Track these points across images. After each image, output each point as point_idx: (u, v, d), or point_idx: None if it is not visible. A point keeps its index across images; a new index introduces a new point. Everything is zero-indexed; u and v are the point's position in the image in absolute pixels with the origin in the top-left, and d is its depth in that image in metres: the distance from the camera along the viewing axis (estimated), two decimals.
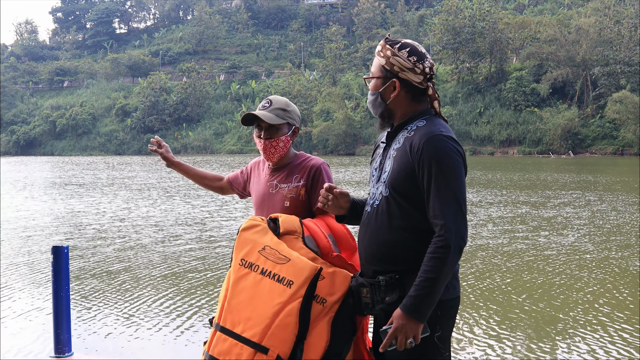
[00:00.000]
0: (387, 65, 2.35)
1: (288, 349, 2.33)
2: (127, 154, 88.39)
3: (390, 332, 2.19)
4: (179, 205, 17.34)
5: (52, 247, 4.16)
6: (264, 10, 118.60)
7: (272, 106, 2.89)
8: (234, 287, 2.47)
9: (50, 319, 4.50)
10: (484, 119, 63.77)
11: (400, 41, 2.37)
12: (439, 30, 70.89)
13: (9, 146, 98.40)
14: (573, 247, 10.29)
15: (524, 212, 14.89)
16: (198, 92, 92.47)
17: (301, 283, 2.38)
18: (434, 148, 2.21)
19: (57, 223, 13.82)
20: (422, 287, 2.15)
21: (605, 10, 64.01)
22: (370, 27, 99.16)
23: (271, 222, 2.61)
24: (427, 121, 2.33)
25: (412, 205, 2.28)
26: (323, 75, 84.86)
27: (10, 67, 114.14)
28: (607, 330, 5.90)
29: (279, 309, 2.35)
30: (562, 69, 62.21)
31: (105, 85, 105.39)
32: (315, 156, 3.00)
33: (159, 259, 9.51)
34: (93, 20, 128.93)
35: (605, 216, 13.96)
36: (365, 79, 2.50)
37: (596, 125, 57.12)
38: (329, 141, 69.76)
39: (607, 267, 8.67)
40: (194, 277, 8.24)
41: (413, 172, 2.24)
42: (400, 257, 2.31)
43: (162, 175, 32.58)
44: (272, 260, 2.45)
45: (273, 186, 2.95)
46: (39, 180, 30.22)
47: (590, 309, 6.59)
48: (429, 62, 2.35)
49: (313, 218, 2.81)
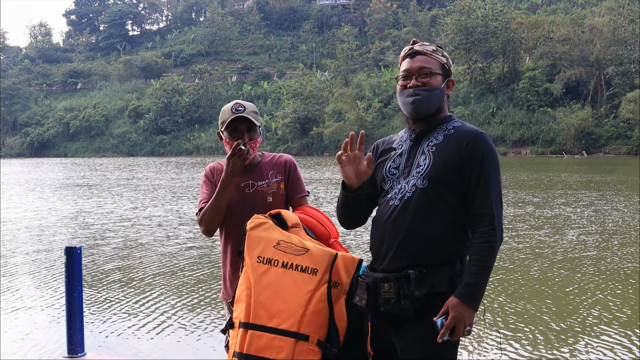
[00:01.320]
0: (447, 65, 2.53)
1: (325, 332, 2.46)
2: (140, 155, 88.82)
3: (449, 321, 2.22)
4: (190, 204, 17.40)
5: (65, 248, 4.18)
6: (276, 12, 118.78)
7: (246, 110, 2.98)
8: (257, 284, 2.52)
9: (63, 319, 4.52)
10: (496, 119, 63.43)
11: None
12: (452, 30, 70.59)
13: (23, 148, 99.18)
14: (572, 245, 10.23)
15: (529, 211, 14.82)
16: (210, 94, 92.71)
17: (324, 269, 2.51)
18: (484, 145, 2.38)
19: (66, 223, 13.91)
20: (477, 275, 2.25)
21: (620, 10, 63.47)
22: (382, 27, 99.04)
23: (274, 219, 2.68)
24: (462, 123, 2.49)
25: (454, 198, 2.38)
26: (335, 76, 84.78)
27: (25, 70, 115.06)
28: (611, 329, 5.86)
29: (310, 296, 2.47)
30: (575, 68, 61.74)
31: (118, 86, 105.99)
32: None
33: (172, 258, 9.53)
34: (106, 23, 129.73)
35: (606, 215, 13.87)
36: (415, 74, 2.48)
37: (610, 125, 56.64)
38: (341, 142, 69.38)
39: (601, 265, 8.60)
40: (210, 275, 8.25)
41: (460, 165, 2.38)
42: (437, 249, 2.35)
43: (172, 176, 32.72)
44: (291, 253, 2.54)
45: (249, 186, 3.02)
46: (48, 181, 30.43)
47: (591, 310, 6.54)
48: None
49: (288, 210, 2.95)
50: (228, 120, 2.96)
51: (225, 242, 3.09)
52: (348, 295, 2.52)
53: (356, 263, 2.57)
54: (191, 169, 41.92)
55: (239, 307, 2.54)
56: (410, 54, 2.53)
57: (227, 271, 3.08)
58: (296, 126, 75.22)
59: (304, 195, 3.08)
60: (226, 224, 3.05)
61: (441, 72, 2.50)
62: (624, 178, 26.22)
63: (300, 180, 3.10)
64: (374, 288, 2.37)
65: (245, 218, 2.79)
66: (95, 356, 4.53)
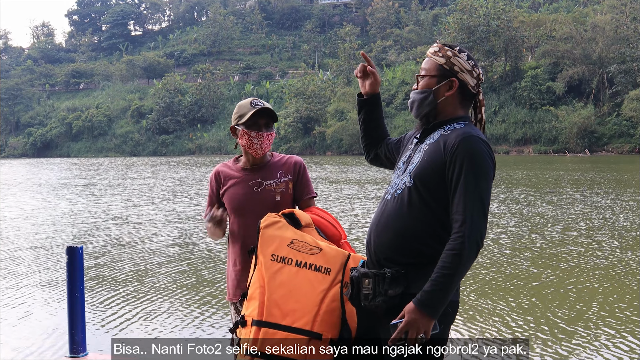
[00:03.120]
0: (447, 65, 2.46)
1: (337, 331, 2.49)
2: (143, 155, 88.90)
3: (402, 325, 2.19)
4: (194, 202, 17.42)
5: (66, 247, 4.19)
6: (277, 11, 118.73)
7: (264, 105, 3.03)
8: (270, 282, 2.54)
9: (65, 319, 4.54)
10: (499, 117, 63.34)
11: (458, 46, 2.52)
12: (453, 29, 70.50)
13: (26, 148, 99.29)
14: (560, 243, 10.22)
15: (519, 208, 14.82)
16: (212, 93, 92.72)
17: (338, 269, 2.56)
18: (469, 147, 2.29)
19: (67, 222, 13.93)
20: (438, 283, 2.18)
21: (622, 8, 63.27)
22: (384, 26, 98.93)
23: (287, 218, 2.71)
24: (465, 125, 2.42)
25: (435, 200, 2.33)
26: (337, 75, 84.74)
27: (27, 70, 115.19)
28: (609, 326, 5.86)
29: (324, 295, 2.51)
30: (578, 67, 61.63)
31: (120, 87, 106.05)
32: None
33: (175, 256, 9.54)
34: (108, 23, 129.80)
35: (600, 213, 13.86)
36: (417, 77, 2.56)
37: (613, 124, 56.53)
38: (343, 141, 69.60)
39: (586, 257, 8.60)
40: (212, 274, 8.26)
41: (443, 167, 2.32)
42: (412, 249, 2.33)
43: (171, 175, 32.75)
44: (305, 252, 2.58)
45: (257, 184, 3.04)
46: (48, 181, 30.48)
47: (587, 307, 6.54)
48: (481, 70, 2.52)
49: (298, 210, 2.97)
50: (249, 113, 2.99)
51: (233, 241, 3.08)
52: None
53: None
54: (198, 168, 41.95)
55: (251, 305, 2.56)
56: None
57: (235, 270, 3.06)
58: (298, 126, 75.23)
59: (312, 196, 3.11)
60: (234, 222, 3.05)
61: (437, 74, 2.47)
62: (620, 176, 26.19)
63: (309, 182, 3.13)
64: (357, 283, 2.40)
65: (253, 216, 2.83)
66: (97, 356, 4.54)
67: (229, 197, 3.07)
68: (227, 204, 3.07)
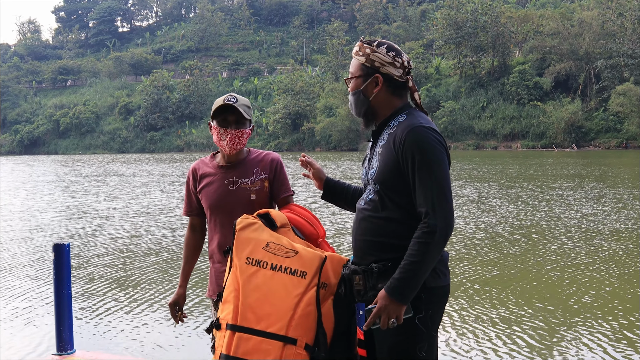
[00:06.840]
0: (368, 63, 2.47)
1: (313, 335, 2.45)
2: (131, 152, 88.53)
3: (374, 311, 2.28)
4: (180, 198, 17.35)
5: (53, 244, 4.16)
6: (265, 7, 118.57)
7: (238, 102, 2.97)
8: (245, 286, 2.49)
9: (52, 317, 4.52)
10: (487, 113, 63.59)
11: (377, 40, 2.50)
12: (441, 24, 70.73)
13: (13, 145, 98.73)
14: None
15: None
16: (201, 90, 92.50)
17: (314, 272, 2.49)
18: (415, 139, 2.30)
19: (54, 219, 13.86)
20: (405, 270, 2.25)
21: (608, 3, 63.63)
22: (372, 22, 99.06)
23: (262, 219, 2.66)
24: (407, 115, 2.43)
25: (403, 198, 2.36)
26: (325, 71, 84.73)
27: (14, 67, 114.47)
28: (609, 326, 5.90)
29: (299, 299, 2.45)
30: (565, 62, 61.98)
31: (108, 83, 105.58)
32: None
33: (163, 255, 9.52)
34: (96, 19, 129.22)
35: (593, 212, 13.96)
36: (345, 80, 2.58)
37: (600, 119, 56.92)
38: (332, 137, 69.65)
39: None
40: (200, 273, 8.24)
41: (398, 165, 2.34)
42: (393, 245, 2.37)
43: (160, 170, 32.64)
44: (280, 255, 2.52)
45: (232, 182, 2.99)
46: (35, 178, 30.32)
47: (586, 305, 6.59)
48: (406, 57, 2.48)
49: (274, 209, 2.95)
50: (217, 107, 2.95)
51: (210, 239, 3.08)
52: (335, 295, 2.53)
53: (344, 263, 2.58)
54: (185, 165, 41.84)
55: (226, 308, 2.51)
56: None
57: (214, 267, 3.07)
58: (287, 122, 75.19)
59: (290, 194, 3.06)
60: (210, 221, 3.05)
61: (361, 74, 2.50)
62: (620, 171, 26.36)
63: (286, 179, 3.08)
64: (349, 280, 2.46)
65: (228, 214, 2.81)
66: (84, 354, 4.52)
67: (205, 195, 3.04)
68: (203, 201, 3.05)
